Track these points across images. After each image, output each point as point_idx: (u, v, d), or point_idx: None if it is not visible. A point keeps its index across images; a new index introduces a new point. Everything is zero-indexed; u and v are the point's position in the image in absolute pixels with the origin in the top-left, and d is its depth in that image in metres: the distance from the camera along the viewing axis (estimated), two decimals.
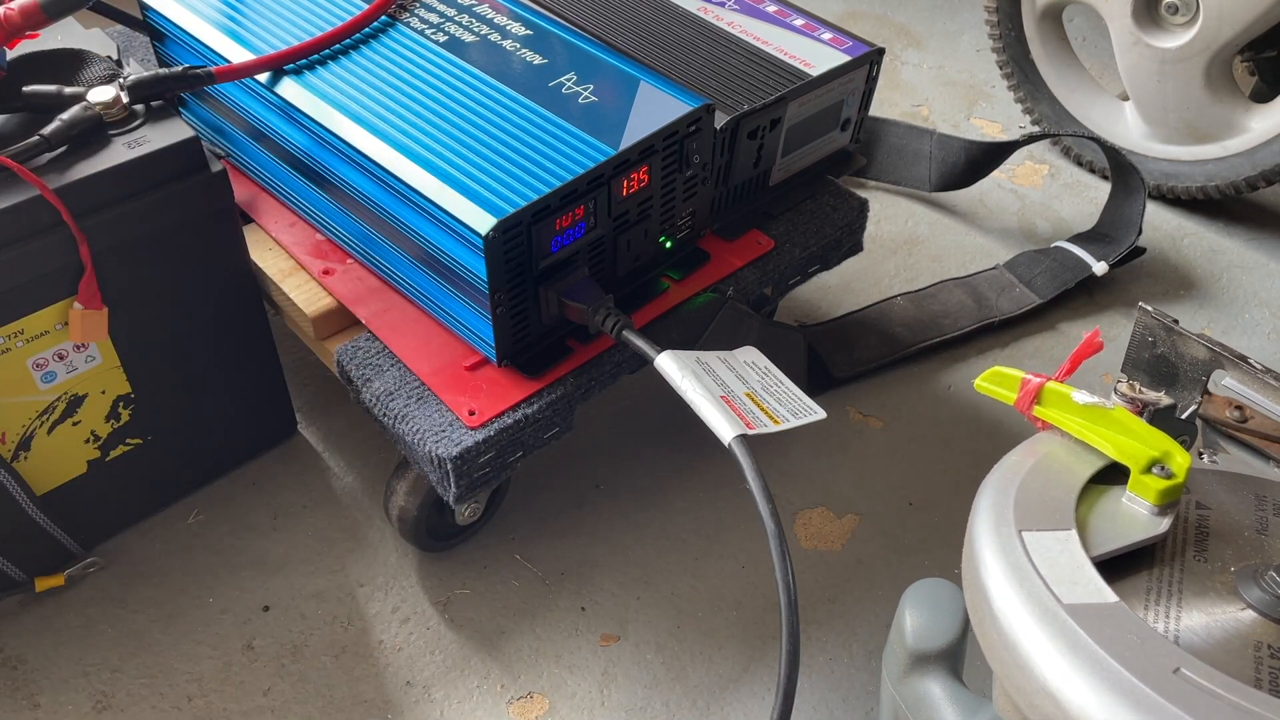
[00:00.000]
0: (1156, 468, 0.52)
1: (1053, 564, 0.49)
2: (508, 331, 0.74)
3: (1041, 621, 0.46)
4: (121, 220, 0.73)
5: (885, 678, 0.62)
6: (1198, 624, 0.47)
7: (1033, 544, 0.50)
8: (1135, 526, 0.51)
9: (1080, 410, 0.56)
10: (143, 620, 0.84)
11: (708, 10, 0.93)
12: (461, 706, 0.80)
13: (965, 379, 1.06)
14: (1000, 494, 0.54)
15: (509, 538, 0.91)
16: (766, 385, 0.75)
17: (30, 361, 0.75)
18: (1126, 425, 0.54)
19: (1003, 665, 0.47)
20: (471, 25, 0.85)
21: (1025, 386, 0.58)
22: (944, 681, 0.59)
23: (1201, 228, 1.25)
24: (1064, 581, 0.48)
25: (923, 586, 0.61)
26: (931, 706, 0.58)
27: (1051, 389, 0.57)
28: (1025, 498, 0.53)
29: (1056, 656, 0.45)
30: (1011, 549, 0.50)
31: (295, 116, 0.79)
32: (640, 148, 0.74)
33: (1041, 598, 0.47)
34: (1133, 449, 0.53)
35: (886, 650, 0.62)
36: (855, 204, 0.94)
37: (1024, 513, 0.52)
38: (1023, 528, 0.51)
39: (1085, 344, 0.58)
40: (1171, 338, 0.59)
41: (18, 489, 0.78)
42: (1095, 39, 1.54)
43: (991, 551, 0.50)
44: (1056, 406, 0.57)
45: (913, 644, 0.59)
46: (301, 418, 1.00)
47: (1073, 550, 0.49)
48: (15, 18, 0.72)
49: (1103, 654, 0.44)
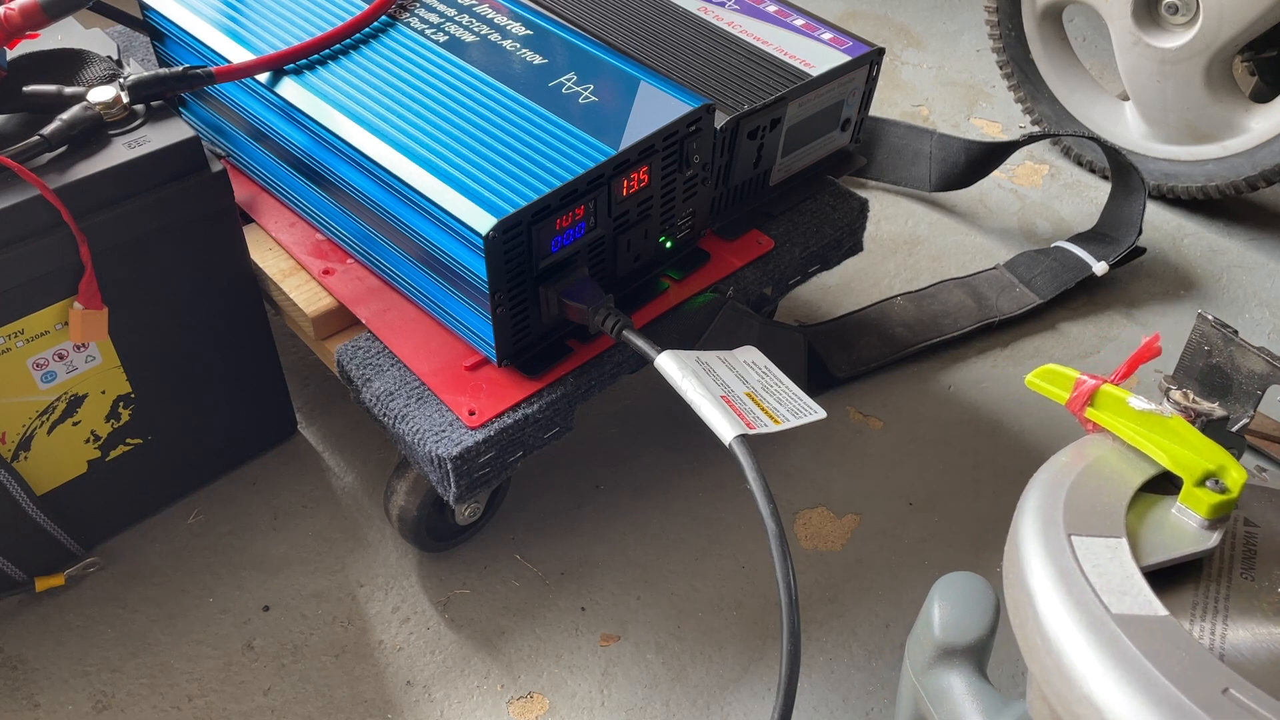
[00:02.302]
0: (1210, 481, 0.51)
1: (1102, 572, 0.48)
2: (508, 331, 0.74)
3: (1089, 630, 0.45)
4: (121, 220, 0.73)
5: (907, 667, 0.61)
6: (1243, 643, 0.46)
7: (1082, 549, 0.49)
8: (1184, 539, 0.50)
9: (1135, 416, 0.54)
10: (143, 620, 0.84)
11: (708, 10, 0.93)
12: (461, 706, 0.80)
13: (965, 379, 1.06)
14: (1049, 496, 0.52)
15: (509, 538, 0.91)
16: (766, 385, 0.75)
17: (30, 361, 0.75)
18: (1182, 435, 0.53)
19: (1044, 670, 0.47)
20: (471, 25, 0.85)
21: (1080, 387, 0.56)
22: (969, 677, 0.58)
23: (1201, 228, 1.25)
24: (1113, 590, 0.47)
25: (954, 579, 0.61)
26: (955, 701, 0.58)
27: (1107, 392, 0.56)
28: (1075, 501, 0.52)
29: (1103, 667, 0.44)
30: (1060, 553, 0.49)
31: (295, 116, 0.79)
32: (640, 148, 0.74)
33: (1090, 605, 0.46)
34: (1188, 460, 0.51)
35: (911, 640, 0.62)
36: (855, 204, 0.94)
37: (1074, 516, 0.51)
38: (1072, 532, 0.50)
39: (1144, 348, 0.56)
40: (1229, 349, 0.58)
41: (18, 489, 0.78)
42: (1095, 39, 1.54)
43: (1039, 554, 0.49)
44: (1111, 410, 0.55)
45: (941, 636, 0.58)
46: (301, 418, 1.00)
47: (1123, 559, 0.48)
48: (15, 18, 0.72)
49: (1151, 668, 0.43)
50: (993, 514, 0.94)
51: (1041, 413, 1.03)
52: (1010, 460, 0.99)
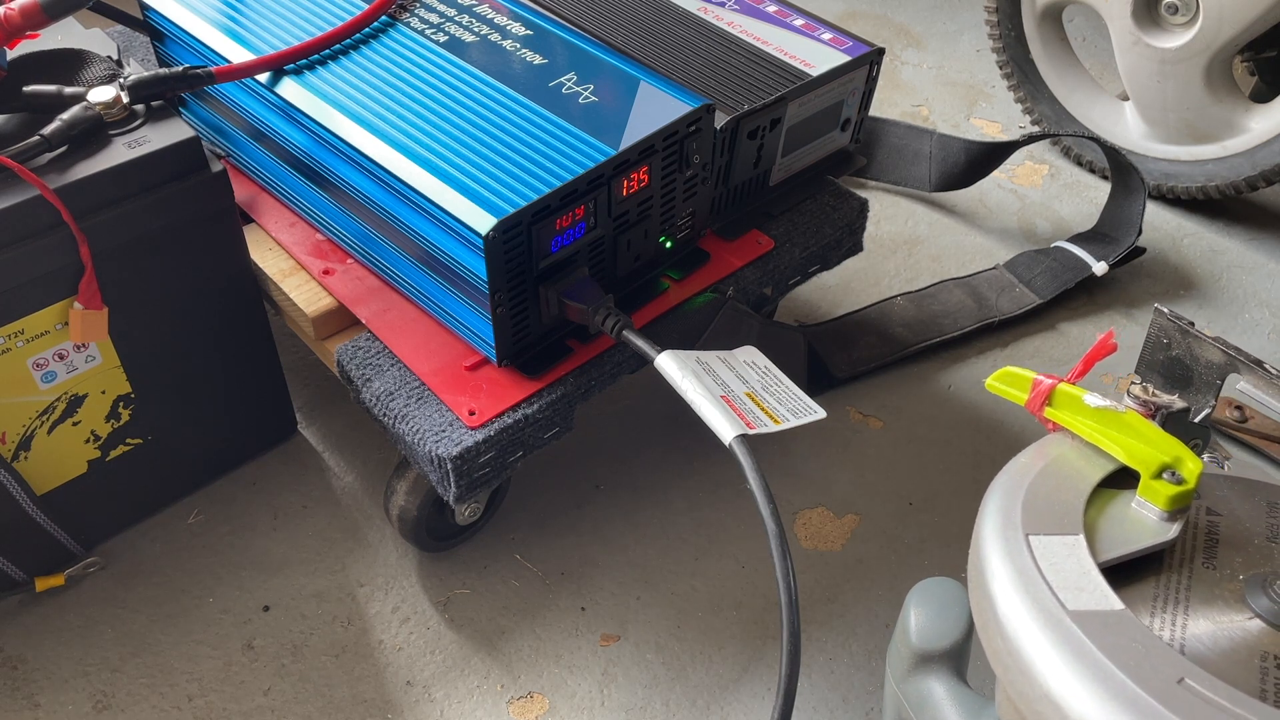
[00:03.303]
0: (1167, 473, 0.51)
1: (1059, 569, 0.48)
2: (508, 331, 0.74)
3: (1046, 628, 0.46)
4: (122, 220, 0.73)
5: (889, 676, 0.62)
6: (1204, 632, 0.47)
7: (1039, 549, 0.49)
8: (1144, 532, 0.51)
9: (1092, 413, 0.55)
10: (143, 620, 0.84)
11: (708, 10, 0.93)
12: (461, 706, 0.80)
13: (965, 379, 1.06)
14: (1008, 497, 0.53)
15: (509, 538, 0.91)
16: (766, 385, 0.75)
17: (30, 361, 0.75)
18: (1138, 429, 0.53)
19: (1006, 670, 0.47)
20: (471, 25, 0.85)
21: (1037, 387, 0.57)
22: (948, 681, 0.59)
23: (1201, 228, 1.25)
24: (1070, 587, 0.47)
25: (928, 586, 0.61)
26: (935, 706, 0.58)
27: (1063, 391, 0.56)
28: (1033, 501, 0.52)
29: (1060, 664, 0.45)
30: (1018, 553, 0.49)
31: (295, 116, 0.79)
32: (640, 148, 0.74)
33: (1046, 604, 0.47)
34: (1143, 453, 0.52)
35: (890, 648, 0.62)
36: (855, 204, 0.94)
37: (1032, 516, 0.51)
38: (1030, 531, 0.50)
39: (1099, 346, 0.57)
40: (1187, 340, 0.59)
41: (18, 489, 0.78)
42: (1095, 39, 1.54)
43: (998, 555, 0.50)
44: (1068, 408, 0.56)
45: (917, 643, 0.59)
46: (301, 418, 1.00)
47: (1080, 556, 0.49)
48: (15, 18, 0.72)
49: (1106, 662, 0.44)
50: None
51: None
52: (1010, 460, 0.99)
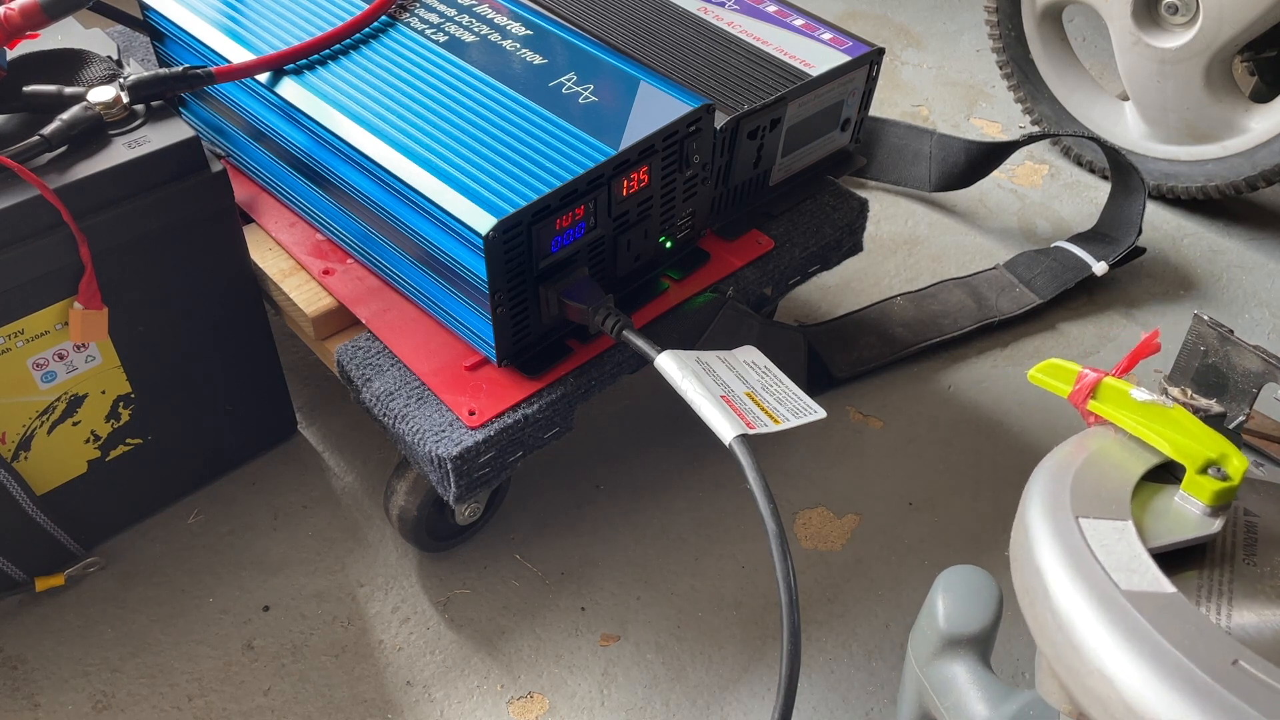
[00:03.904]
0: (1212, 469, 0.52)
1: (1110, 551, 0.49)
2: (508, 331, 0.74)
3: (1099, 606, 0.46)
4: (121, 220, 0.73)
5: (910, 659, 0.62)
6: (1249, 624, 0.47)
7: (1090, 530, 0.50)
8: (1187, 525, 0.51)
9: (1138, 407, 0.56)
10: (143, 620, 0.84)
11: (708, 10, 0.93)
12: (461, 706, 0.80)
13: (965, 379, 1.06)
14: (1055, 481, 0.53)
15: (509, 538, 0.91)
16: (766, 384, 0.75)
17: (30, 361, 0.75)
18: (1184, 425, 0.54)
19: (1054, 646, 0.48)
20: (471, 25, 0.85)
21: (1082, 380, 0.58)
22: (973, 667, 0.59)
23: (1201, 228, 1.25)
24: (1122, 569, 0.48)
25: (957, 571, 0.62)
26: (959, 690, 0.58)
27: (1109, 384, 0.57)
28: (1081, 486, 0.53)
29: (1113, 641, 0.45)
30: (1069, 533, 0.50)
31: (295, 116, 0.79)
32: (640, 148, 0.74)
33: (1099, 582, 0.47)
34: (1190, 448, 0.53)
35: (915, 632, 0.62)
36: (855, 204, 0.94)
37: (1080, 500, 0.52)
38: (1079, 514, 0.51)
39: (1144, 344, 0.58)
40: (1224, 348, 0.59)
41: (18, 489, 0.78)
42: (1095, 39, 1.54)
43: (1047, 534, 0.50)
44: (1113, 402, 0.57)
45: (945, 627, 0.59)
46: (301, 418, 1.00)
47: (1130, 540, 0.49)
48: (15, 18, 0.72)
49: (1162, 641, 0.44)
50: (993, 514, 0.94)
51: (1041, 412, 1.03)
52: (1010, 460, 0.99)
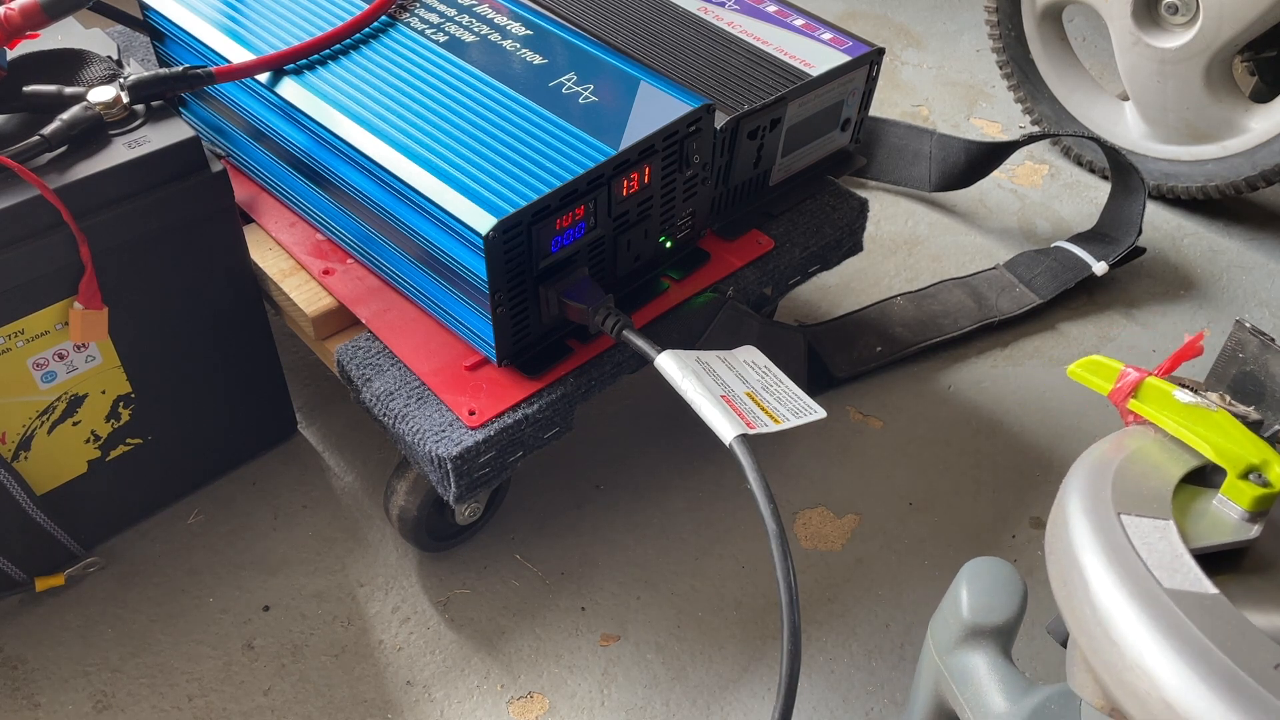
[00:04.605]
0: (1253, 474, 0.51)
1: (1152, 549, 0.48)
2: (508, 331, 0.74)
3: (1141, 602, 0.46)
4: (122, 220, 0.73)
5: (930, 648, 0.62)
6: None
7: (1131, 527, 0.50)
8: (1226, 529, 0.51)
9: (1180, 409, 0.55)
10: (143, 620, 0.84)
11: (708, 10, 0.93)
12: (461, 706, 0.80)
13: (965, 379, 1.06)
14: (1096, 477, 0.53)
15: (509, 538, 0.91)
16: (766, 384, 0.75)
17: (30, 361, 0.75)
18: (1226, 429, 0.53)
19: (1092, 640, 0.48)
20: (471, 25, 0.85)
21: (1123, 378, 0.57)
22: (994, 658, 0.59)
23: (1201, 228, 1.25)
24: (1164, 567, 0.47)
25: (981, 563, 0.61)
26: (980, 680, 0.58)
27: (1151, 384, 0.56)
28: (1121, 484, 0.52)
29: (1153, 638, 0.45)
30: (1111, 529, 0.50)
31: (295, 116, 0.79)
32: (640, 148, 0.74)
33: (1142, 579, 0.47)
34: (1232, 452, 0.52)
35: (936, 620, 0.62)
36: (855, 204, 0.94)
37: (1121, 497, 0.51)
38: (1121, 511, 0.51)
39: (1188, 345, 0.57)
40: (1265, 355, 0.58)
41: (18, 489, 0.78)
42: (1095, 39, 1.54)
43: (1087, 530, 0.50)
44: (1155, 403, 0.56)
45: (969, 617, 0.59)
46: (301, 418, 1.00)
47: (1172, 539, 0.49)
48: (15, 18, 0.72)
49: (1205, 641, 0.44)
50: (993, 514, 0.94)
51: (1041, 413, 1.03)
52: (1010, 460, 0.99)
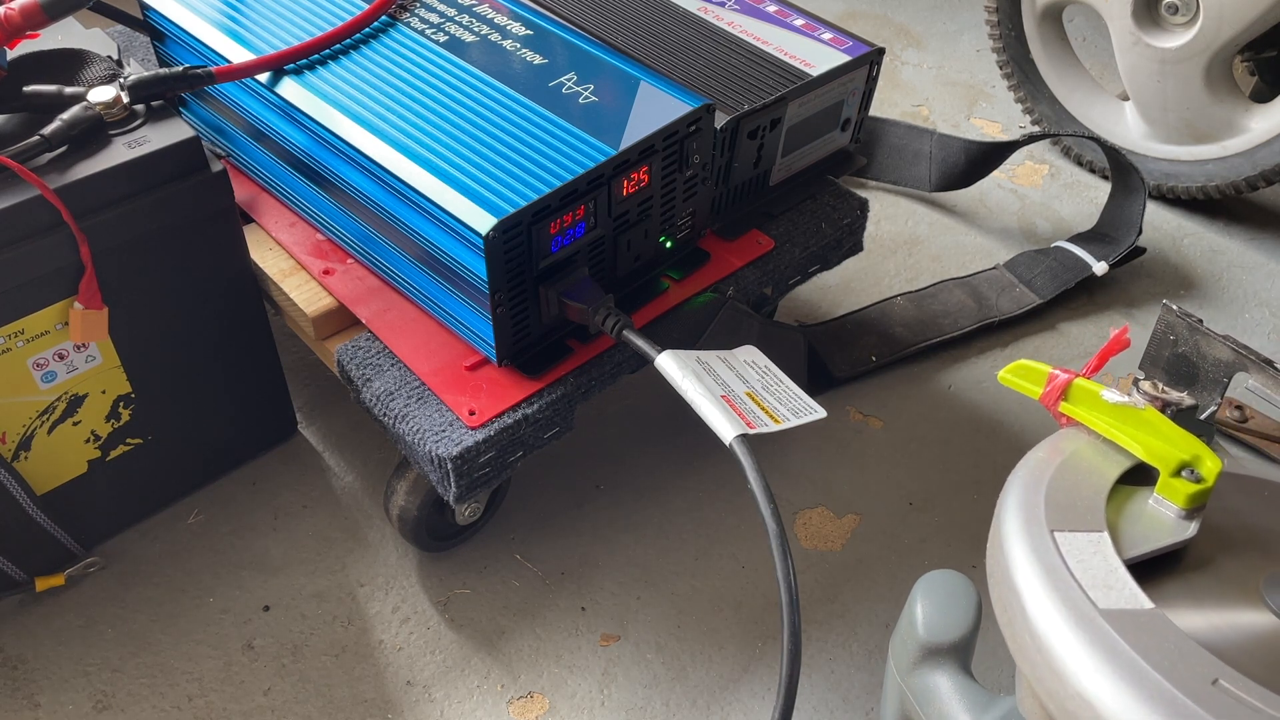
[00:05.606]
0: (1186, 471, 0.51)
1: (1087, 566, 0.48)
2: (508, 331, 0.74)
3: (1078, 627, 0.45)
4: (122, 220, 0.73)
5: (892, 668, 0.61)
6: (1227, 628, 0.47)
7: (1065, 545, 0.49)
8: (1163, 530, 0.51)
9: (1109, 409, 0.55)
10: (143, 620, 0.84)
11: (708, 10, 0.93)
12: (461, 706, 0.80)
13: (965, 379, 1.06)
14: (1029, 491, 0.53)
15: (509, 538, 0.91)
16: (767, 384, 0.75)
17: (30, 361, 0.75)
18: (1156, 426, 0.53)
19: (1034, 668, 0.47)
20: (472, 25, 0.85)
21: (1052, 381, 0.57)
22: (954, 675, 0.58)
23: (1201, 228, 1.25)
24: (1099, 585, 0.47)
25: (935, 578, 0.61)
26: (941, 700, 0.58)
27: (1080, 385, 0.56)
28: (1055, 497, 0.52)
29: (1093, 663, 0.44)
30: (1045, 550, 0.49)
31: (295, 116, 0.79)
32: (640, 148, 0.74)
33: (1077, 602, 0.46)
34: (1163, 451, 0.52)
35: (894, 640, 0.62)
36: (855, 204, 0.94)
37: (1055, 512, 0.51)
38: (1054, 527, 0.50)
39: (1114, 341, 0.57)
40: (1194, 337, 0.58)
41: (18, 489, 0.78)
42: (1095, 39, 1.54)
43: (1023, 551, 0.49)
44: (1084, 404, 0.56)
45: (925, 636, 0.58)
46: (301, 418, 1.00)
47: (1106, 553, 0.49)
48: (15, 18, 0.72)
49: (1141, 663, 0.43)
50: (992, 514, 0.94)
51: (1042, 412, 1.03)
52: (1010, 460, 0.98)
